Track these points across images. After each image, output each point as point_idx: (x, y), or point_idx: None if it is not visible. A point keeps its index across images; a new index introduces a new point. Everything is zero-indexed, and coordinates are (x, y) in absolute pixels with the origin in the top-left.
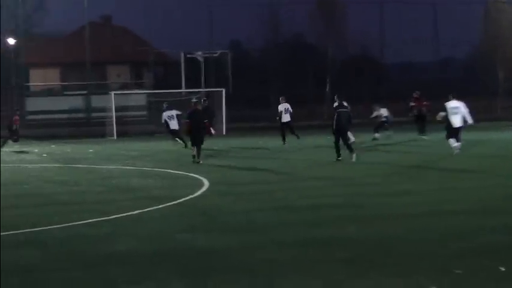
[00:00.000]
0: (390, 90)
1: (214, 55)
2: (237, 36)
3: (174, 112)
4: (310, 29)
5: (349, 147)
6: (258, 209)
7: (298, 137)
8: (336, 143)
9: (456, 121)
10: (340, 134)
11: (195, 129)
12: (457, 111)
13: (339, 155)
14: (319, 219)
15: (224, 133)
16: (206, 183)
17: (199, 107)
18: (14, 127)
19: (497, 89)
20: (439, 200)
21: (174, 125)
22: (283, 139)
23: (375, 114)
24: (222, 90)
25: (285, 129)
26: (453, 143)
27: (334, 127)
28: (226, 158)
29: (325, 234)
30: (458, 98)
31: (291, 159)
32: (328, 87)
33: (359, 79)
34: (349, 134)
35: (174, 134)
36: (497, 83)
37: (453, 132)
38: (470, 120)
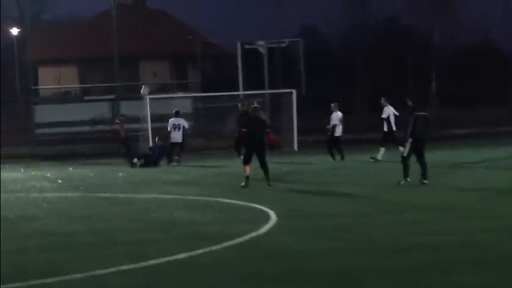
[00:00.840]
0: None
1: (282, 45)
2: (311, 20)
3: (182, 121)
4: (409, 10)
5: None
6: (344, 251)
7: (334, 158)
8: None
9: None
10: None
11: (254, 141)
12: None
13: (406, 175)
14: (429, 266)
15: (296, 148)
16: (273, 215)
17: (256, 113)
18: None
19: None
20: None
21: (177, 137)
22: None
23: None
24: (292, 92)
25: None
26: None
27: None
28: (298, 181)
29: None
30: None
31: (378, 182)
32: (434, 86)
33: (476, 75)
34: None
35: (172, 147)
36: None
37: None
38: None
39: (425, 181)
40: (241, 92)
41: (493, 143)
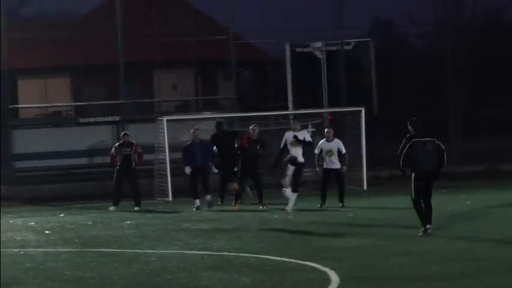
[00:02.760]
0: None
1: (346, 48)
2: (385, 14)
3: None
4: None
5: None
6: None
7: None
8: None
9: None
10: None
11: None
12: None
13: (425, 222)
14: None
15: (365, 187)
16: (335, 278)
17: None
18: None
19: None
20: None
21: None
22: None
23: None
24: (360, 110)
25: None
26: None
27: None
28: (368, 232)
29: None
30: None
31: (480, 232)
32: None
33: None
34: None
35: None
36: None
37: None
38: None
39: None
40: (291, 112)
41: None
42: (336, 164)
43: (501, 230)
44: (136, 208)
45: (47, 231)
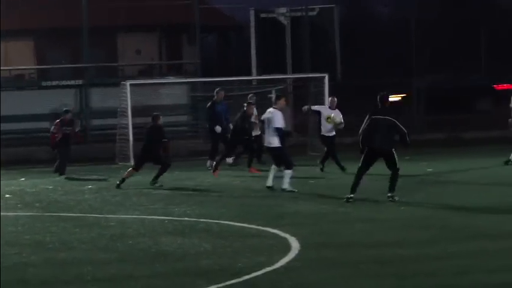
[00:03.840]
0: None
1: (310, 14)
2: None
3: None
4: None
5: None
6: None
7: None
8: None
9: None
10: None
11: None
12: None
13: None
14: None
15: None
16: (294, 244)
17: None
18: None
19: None
20: None
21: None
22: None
23: None
24: (323, 77)
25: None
26: None
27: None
28: (329, 198)
29: None
30: None
31: (443, 199)
32: None
33: None
34: None
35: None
36: None
37: None
38: None
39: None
40: (254, 77)
41: None
42: (332, 132)
43: (461, 197)
44: (59, 177)
45: (7, 195)
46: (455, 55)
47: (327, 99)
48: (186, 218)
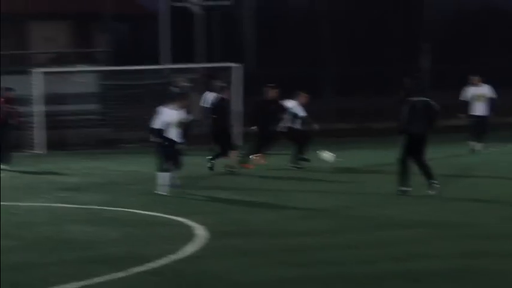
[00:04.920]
0: None
1: (224, 3)
2: None
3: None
4: None
5: (426, 171)
6: (293, 279)
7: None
8: (403, 161)
9: None
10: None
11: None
12: None
13: (404, 184)
14: None
15: (241, 142)
16: (202, 232)
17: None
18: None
19: None
20: None
21: None
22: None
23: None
24: (238, 67)
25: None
26: None
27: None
28: (238, 188)
29: None
30: None
31: (349, 189)
32: (427, 62)
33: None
34: None
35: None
36: None
37: None
38: None
39: (433, 182)
40: (166, 66)
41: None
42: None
43: (367, 188)
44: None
45: None
46: (366, 46)
47: (241, 88)
48: (93, 206)
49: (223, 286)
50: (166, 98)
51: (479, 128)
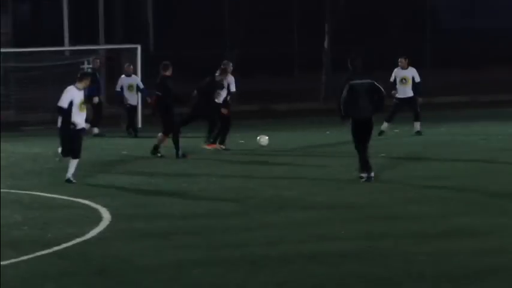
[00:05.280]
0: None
1: None
2: None
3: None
4: None
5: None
6: (197, 262)
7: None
8: (357, 145)
9: None
10: (360, 127)
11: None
12: None
13: (364, 169)
14: (307, 282)
15: (139, 125)
16: (106, 215)
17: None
18: None
19: None
20: None
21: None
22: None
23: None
24: (136, 48)
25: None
26: None
27: (343, 113)
28: (143, 171)
29: None
30: None
31: (252, 171)
32: (326, 43)
33: (383, 29)
34: None
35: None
36: None
37: None
38: None
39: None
40: (66, 48)
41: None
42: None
43: (272, 170)
44: None
45: None
46: (270, 27)
47: (139, 72)
48: None
49: (128, 268)
50: (74, 78)
51: (413, 109)
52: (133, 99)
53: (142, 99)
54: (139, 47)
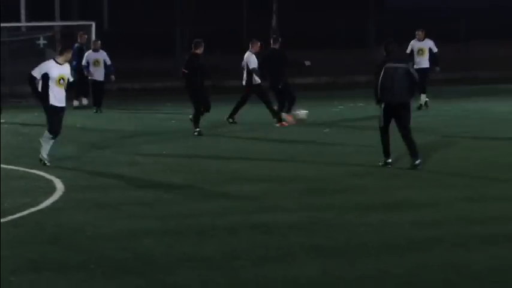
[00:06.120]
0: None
1: None
2: None
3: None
4: None
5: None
6: (149, 231)
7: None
8: (383, 131)
9: None
10: (392, 111)
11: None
12: None
13: (387, 155)
14: (246, 247)
15: (90, 103)
16: (60, 186)
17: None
18: None
19: None
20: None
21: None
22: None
23: None
24: (90, 25)
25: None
26: None
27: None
28: (93, 143)
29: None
30: None
31: (201, 146)
32: (274, 21)
33: (328, 10)
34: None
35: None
36: None
37: None
38: None
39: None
40: (23, 24)
41: (349, 95)
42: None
43: (218, 145)
44: None
45: None
46: (220, 5)
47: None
48: None
49: (81, 237)
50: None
51: (422, 80)
52: (99, 74)
53: (106, 75)
54: (93, 24)
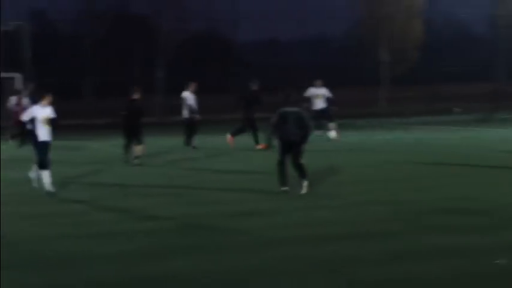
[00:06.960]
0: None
1: (6, 29)
2: (38, 4)
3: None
4: None
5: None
6: (63, 236)
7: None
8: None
9: None
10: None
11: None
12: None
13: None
14: (140, 248)
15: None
16: None
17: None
18: None
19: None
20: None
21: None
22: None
23: None
24: (16, 77)
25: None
26: None
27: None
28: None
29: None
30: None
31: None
32: (161, 73)
33: (203, 63)
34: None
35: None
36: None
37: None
38: None
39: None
40: None
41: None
42: None
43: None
44: None
45: None
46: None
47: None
48: None
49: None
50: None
51: (326, 118)
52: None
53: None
54: (19, 76)
